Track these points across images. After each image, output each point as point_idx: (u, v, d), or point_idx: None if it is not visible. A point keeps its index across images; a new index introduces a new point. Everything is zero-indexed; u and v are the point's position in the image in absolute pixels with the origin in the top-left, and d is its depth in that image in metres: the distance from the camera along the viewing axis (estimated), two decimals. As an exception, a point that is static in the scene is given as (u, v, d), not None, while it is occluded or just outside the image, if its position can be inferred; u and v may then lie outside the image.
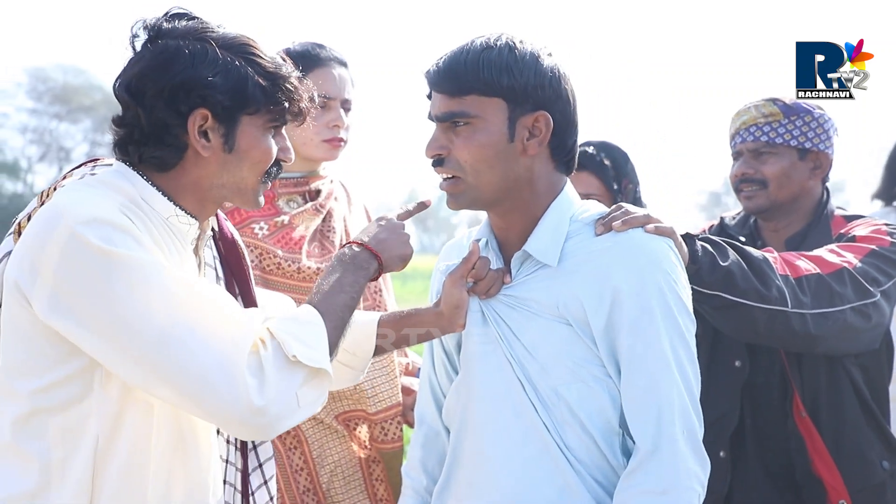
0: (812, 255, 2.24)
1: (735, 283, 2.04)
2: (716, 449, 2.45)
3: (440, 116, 1.77)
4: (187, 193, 1.63)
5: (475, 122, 1.74)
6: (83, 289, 1.46)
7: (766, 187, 2.46)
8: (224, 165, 1.62)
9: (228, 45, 1.60)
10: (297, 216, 2.53)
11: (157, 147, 1.59)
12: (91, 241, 1.46)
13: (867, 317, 2.21)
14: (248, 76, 1.59)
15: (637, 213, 1.79)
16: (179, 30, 1.60)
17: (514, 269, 1.83)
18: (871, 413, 2.38)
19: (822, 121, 2.46)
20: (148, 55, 1.58)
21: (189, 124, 1.57)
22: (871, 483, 2.35)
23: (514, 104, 1.74)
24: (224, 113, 1.58)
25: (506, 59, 1.73)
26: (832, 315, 2.15)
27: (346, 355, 1.94)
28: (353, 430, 2.53)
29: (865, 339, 2.29)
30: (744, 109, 2.52)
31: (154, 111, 1.57)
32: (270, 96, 1.62)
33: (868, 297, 2.20)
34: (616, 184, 2.73)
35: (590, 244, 1.77)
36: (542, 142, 1.77)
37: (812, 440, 2.37)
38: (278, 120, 1.65)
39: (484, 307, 1.84)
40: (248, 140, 1.62)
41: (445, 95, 1.76)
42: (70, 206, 1.49)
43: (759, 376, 2.44)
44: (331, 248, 2.56)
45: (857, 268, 2.22)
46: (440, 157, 1.78)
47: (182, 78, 1.56)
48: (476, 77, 1.72)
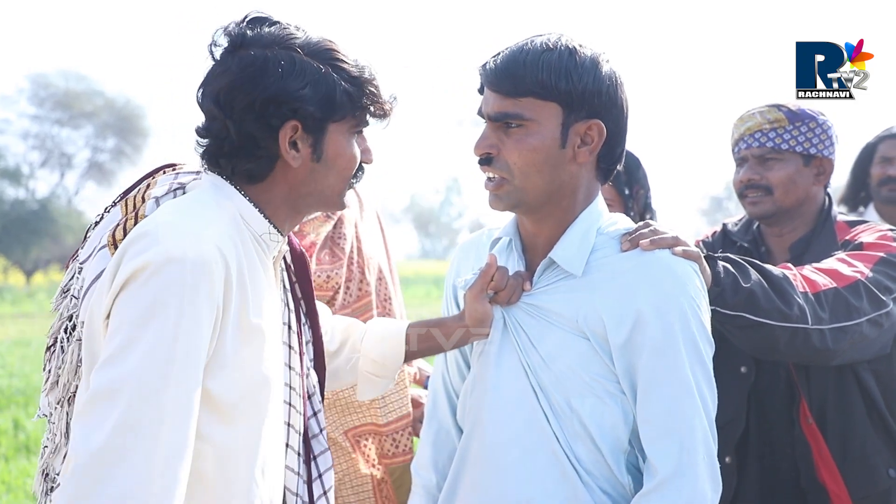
0: (827, 269, 2.23)
1: (758, 303, 2.03)
2: (721, 455, 2.44)
3: (493, 116, 1.74)
4: (278, 205, 1.63)
5: (529, 125, 1.72)
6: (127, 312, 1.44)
7: (771, 193, 2.46)
8: (312, 174, 1.62)
9: (314, 52, 1.59)
10: (307, 223, 2.53)
11: (248, 160, 1.58)
12: (162, 280, 1.44)
13: (881, 326, 2.22)
14: (336, 84, 1.59)
15: (665, 234, 1.78)
16: (264, 38, 1.58)
17: (537, 276, 1.82)
18: (881, 419, 2.37)
19: (825, 127, 2.46)
20: (235, 66, 1.56)
21: (280, 137, 1.57)
22: (875, 490, 2.34)
23: (570, 110, 1.72)
24: (314, 123, 1.58)
25: (566, 62, 1.70)
26: (850, 329, 2.15)
27: (375, 366, 1.95)
28: (362, 447, 2.51)
29: (877, 346, 2.28)
30: (748, 115, 2.51)
31: (244, 124, 1.56)
32: (357, 101, 1.62)
33: (883, 307, 2.20)
34: (628, 189, 2.72)
35: (615, 260, 1.76)
36: (593, 150, 1.76)
37: (818, 447, 2.36)
38: (362, 123, 1.66)
39: (504, 313, 1.83)
40: (335, 147, 1.62)
41: (501, 95, 1.72)
42: (165, 236, 1.47)
43: (764, 382, 2.44)
44: (341, 254, 2.55)
45: (870, 278, 2.22)
46: (489, 155, 1.76)
47: (273, 91, 1.54)
48: (535, 79, 1.69)
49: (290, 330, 1.72)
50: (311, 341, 1.80)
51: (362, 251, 2.61)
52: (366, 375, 1.96)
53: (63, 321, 1.65)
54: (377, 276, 2.65)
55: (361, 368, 1.96)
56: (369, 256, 2.63)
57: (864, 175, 3.82)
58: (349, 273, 2.56)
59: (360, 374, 1.97)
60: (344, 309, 2.51)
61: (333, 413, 2.49)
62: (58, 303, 1.68)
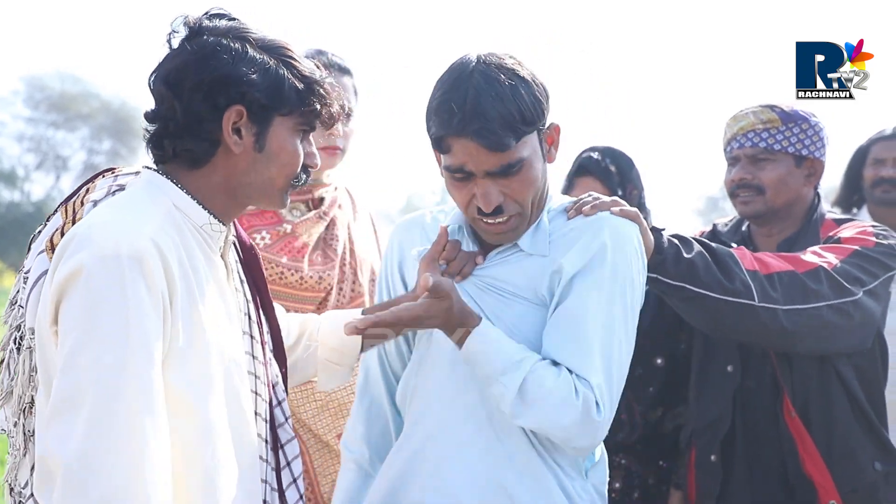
0: (788, 256, 2.27)
1: (698, 274, 2.08)
2: (707, 453, 2.47)
3: (497, 171, 1.76)
4: (216, 194, 1.65)
5: (525, 162, 1.77)
6: (72, 315, 1.46)
7: (762, 193, 2.47)
8: (253, 164, 1.64)
9: (267, 47, 1.63)
10: (300, 224, 2.53)
11: (190, 140, 1.60)
12: (100, 279, 1.45)
13: (847, 315, 2.23)
14: (285, 77, 1.62)
15: (605, 199, 1.87)
16: (220, 28, 1.62)
17: (493, 255, 1.88)
18: (863, 414, 2.39)
19: (817, 129, 2.48)
20: (188, 50, 1.60)
21: (224, 120, 1.59)
22: (861, 483, 2.36)
23: (541, 128, 1.80)
24: (259, 111, 1.61)
25: (525, 90, 1.75)
26: (807, 312, 2.17)
27: (334, 354, 1.96)
28: None
29: (854, 338, 2.30)
30: (741, 115, 2.52)
31: (191, 103, 1.58)
32: (304, 99, 1.64)
33: (847, 295, 2.22)
34: (621, 189, 2.72)
35: (562, 228, 1.84)
36: (558, 147, 1.86)
37: (802, 441, 2.38)
38: (309, 123, 1.68)
39: (458, 288, 1.86)
40: (278, 141, 1.64)
41: (494, 152, 1.73)
42: (98, 235, 1.48)
43: (750, 380, 2.46)
44: (333, 256, 2.56)
45: (837, 267, 2.24)
46: (500, 207, 1.79)
47: (222, 73, 1.58)
48: (522, 122, 1.74)
49: (251, 320, 1.74)
50: (269, 331, 1.81)
51: (355, 252, 2.62)
52: (325, 363, 1.97)
53: (12, 331, 1.67)
54: (370, 278, 2.65)
55: (320, 357, 1.97)
56: (362, 258, 2.64)
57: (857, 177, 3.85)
58: (342, 274, 2.57)
59: (319, 363, 1.98)
60: (337, 310, 2.51)
61: (326, 416, 2.49)
62: (7, 314, 1.70)
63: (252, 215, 2.51)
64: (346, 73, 2.59)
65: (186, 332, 1.54)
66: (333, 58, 2.58)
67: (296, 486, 1.78)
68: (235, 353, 1.64)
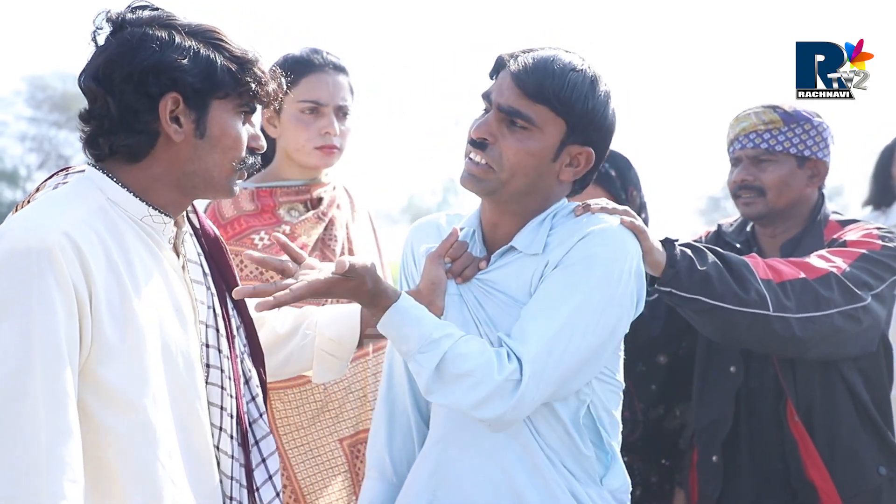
0: (798, 261, 2.26)
1: (713, 286, 2.06)
2: (708, 454, 2.46)
3: (506, 108, 1.78)
4: (159, 185, 1.62)
5: (533, 131, 1.77)
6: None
7: (764, 195, 2.47)
8: (196, 151, 1.61)
9: (194, 32, 1.61)
10: (298, 225, 2.51)
11: (127, 135, 1.58)
12: (5, 275, 1.44)
13: (857, 321, 2.22)
14: (217, 60, 1.60)
15: (617, 207, 1.86)
16: (144, 19, 1.60)
17: (495, 258, 1.87)
18: (868, 418, 2.38)
19: (821, 129, 2.47)
20: (114, 44, 1.58)
21: (161, 109, 1.57)
22: (865, 488, 2.35)
23: (573, 131, 1.79)
24: (195, 97, 1.58)
25: (587, 88, 1.77)
26: (819, 319, 2.16)
27: (331, 344, 1.94)
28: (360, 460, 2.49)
29: (860, 343, 2.29)
30: (743, 115, 2.52)
31: (123, 97, 1.56)
32: (239, 80, 1.62)
33: (857, 301, 2.21)
34: (623, 193, 2.71)
35: (566, 231, 1.82)
36: (576, 174, 1.84)
37: (805, 445, 2.37)
38: (248, 105, 1.66)
39: (462, 291, 1.86)
40: (219, 125, 1.62)
41: (520, 93, 1.76)
42: (12, 229, 1.49)
43: (753, 381, 2.45)
44: (332, 256, 2.54)
45: (846, 272, 2.23)
46: (485, 141, 1.79)
47: (151, 62, 1.55)
48: (557, 92, 1.75)
49: (215, 313, 1.71)
50: (241, 325, 1.79)
51: (354, 252, 2.59)
52: (321, 354, 1.95)
53: None
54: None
55: (317, 347, 1.95)
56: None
57: (886, 176, 3.89)
58: (340, 274, 2.55)
59: (315, 353, 1.95)
60: (337, 309, 2.50)
61: (326, 419, 2.47)
62: None
63: (250, 216, 2.50)
64: (341, 71, 2.58)
65: (117, 327, 1.51)
66: (329, 56, 2.57)
67: (272, 483, 1.75)
68: (184, 346, 1.62)
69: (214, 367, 1.68)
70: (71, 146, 36.54)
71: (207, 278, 1.74)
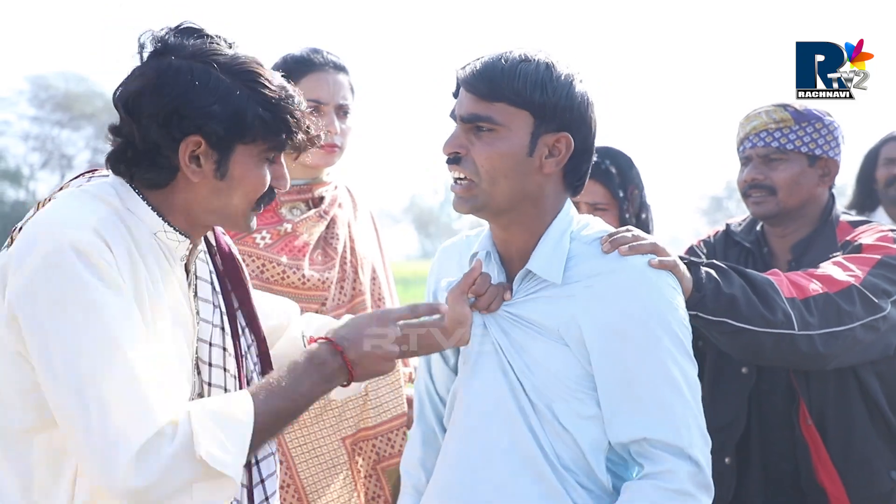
0: (820, 274, 2.21)
1: (739, 309, 2.02)
2: (721, 455, 2.43)
3: (465, 117, 1.76)
4: (177, 213, 1.61)
5: (499, 130, 1.74)
6: (37, 311, 1.45)
7: (774, 194, 2.44)
8: (215, 192, 1.60)
9: (234, 71, 1.57)
10: (300, 224, 2.51)
11: (148, 168, 1.57)
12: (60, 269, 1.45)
13: (876, 330, 2.20)
14: (248, 106, 1.56)
15: (644, 240, 1.80)
16: (186, 48, 1.57)
17: (516, 285, 1.83)
18: (883, 421, 2.35)
19: (831, 128, 2.45)
20: (150, 71, 1.56)
21: (181, 150, 1.55)
22: (876, 493, 2.33)
23: (541, 120, 1.75)
24: (218, 141, 1.56)
25: (542, 75, 1.74)
26: (841, 334, 2.13)
27: None
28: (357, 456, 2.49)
29: (878, 348, 2.27)
30: (754, 114, 2.50)
31: (149, 132, 1.55)
32: (270, 127, 1.59)
33: (878, 311, 2.18)
34: (622, 191, 2.69)
35: (592, 267, 1.78)
36: (559, 163, 1.79)
37: (816, 449, 2.35)
38: (276, 149, 1.63)
39: (485, 320, 1.84)
40: (241, 169, 1.59)
41: (475, 97, 1.75)
42: (49, 227, 1.49)
43: (765, 383, 2.42)
44: (333, 255, 2.54)
45: (865, 281, 2.19)
46: (457, 155, 1.78)
47: (178, 103, 1.53)
48: (510, 86, 1.72)
49: (224, 331, 1.70)
50: (252, 344, 1.78)
51: (356, 251, 2.60)
52: None
53: None
54: (371, 276, 2.64)
55: None
56: (363, 256, 2.62)
57: (869, 180, 3.86)
58: (342, 273, 2.55)
59: None
60: (339, 308, 2.49)
61: (329, 419, 2.45)
62: None
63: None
64: (342, 70, 2.58)
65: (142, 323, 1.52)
66: (329, 56, 2.57)
67: (268, 503, 1.75)
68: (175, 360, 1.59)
69: (217, 386, 1.67)
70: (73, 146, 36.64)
71: (217, 297, 1.73)
